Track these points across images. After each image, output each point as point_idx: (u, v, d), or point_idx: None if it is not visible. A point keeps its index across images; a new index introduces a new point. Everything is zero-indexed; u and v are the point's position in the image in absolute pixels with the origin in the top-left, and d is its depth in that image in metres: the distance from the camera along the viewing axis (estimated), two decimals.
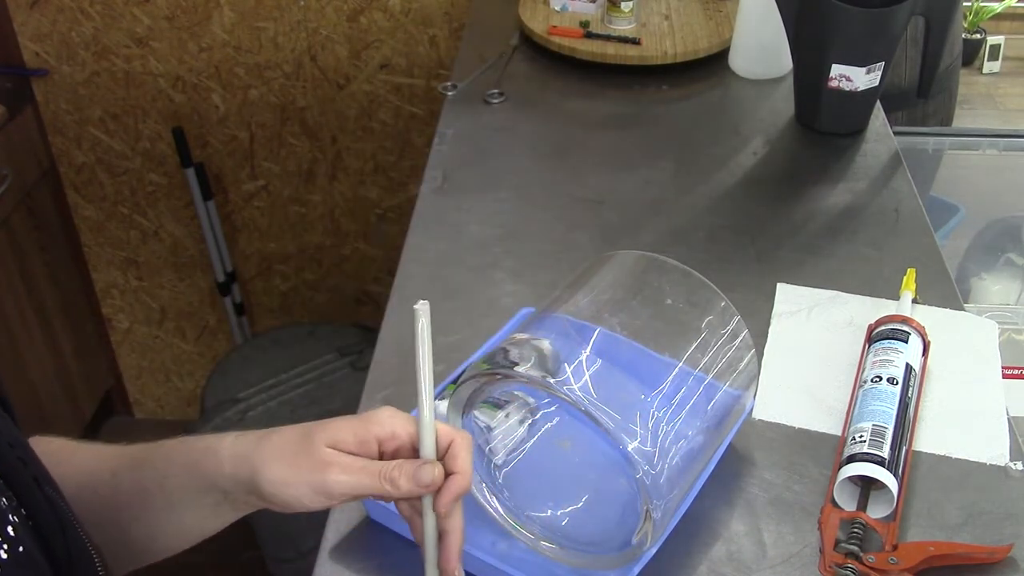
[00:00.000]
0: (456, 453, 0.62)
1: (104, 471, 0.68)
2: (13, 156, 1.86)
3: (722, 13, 1.52)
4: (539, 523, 0.72)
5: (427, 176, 1.21)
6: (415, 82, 1.92)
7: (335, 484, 0.60)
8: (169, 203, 2.09)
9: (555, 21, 1.50)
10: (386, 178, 2.04)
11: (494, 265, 1.06)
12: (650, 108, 1.38)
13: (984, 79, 3.74)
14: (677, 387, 0.68)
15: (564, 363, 0.65)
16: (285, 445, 0.62)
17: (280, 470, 0.61)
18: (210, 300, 2.23)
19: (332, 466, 0.60)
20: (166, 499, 0.67)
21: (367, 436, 0.61)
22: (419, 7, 1.83)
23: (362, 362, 1.82)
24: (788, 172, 1.23)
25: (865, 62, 1.21)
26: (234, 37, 1.87)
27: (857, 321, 0.95)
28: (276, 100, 1.94)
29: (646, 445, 0.63)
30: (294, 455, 0.61)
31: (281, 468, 0.61)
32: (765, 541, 0.75)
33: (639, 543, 0.67)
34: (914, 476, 0.80)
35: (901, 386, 0.81)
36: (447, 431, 0.62)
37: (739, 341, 0.75)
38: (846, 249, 1.08)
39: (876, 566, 0.71)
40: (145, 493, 0.67)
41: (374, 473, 0.60)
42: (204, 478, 0.65)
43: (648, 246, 1.08)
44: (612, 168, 1.24)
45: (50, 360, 2.05)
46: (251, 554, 1.92)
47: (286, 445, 0.62)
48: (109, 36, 1.87)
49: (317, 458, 0.60)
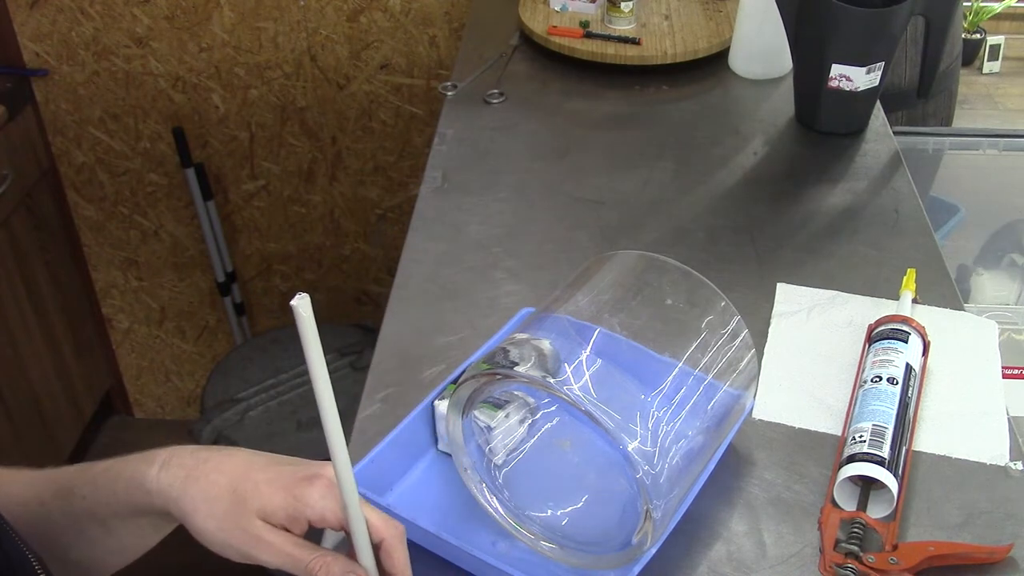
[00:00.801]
0: (390, 552, 0.59)
1: (32, 501, 0.67)
2: (13, 156, 1.86)
3: (722, 13, 1.52)
4: (539, 523, 0.72)
5: (427, 176, 1.21)
6: (415, 82, 1.92)
7: (263, 561, 0.59)
8: (169, 203, 2.09)
9: (555, 21, 1.50)
10: (386, 178, 2.04)
11: (494, 265, 1.06)
12: (650, 108, 1.38)
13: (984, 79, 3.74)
14: (677, 387, 0.68)
15: (564, 363, 0.65)
16: (215, 501, 0.59)
17: (209, 526, 0.59)
18: (210, 300, 2.23)
19: (261, 543, 0.58)
20: (100, 525, 0.65)
21: (298, 516, 0.59)
22: (419, 7, 1.83)
23: (362, 362, 1.82)
24: (788, 172, 1.23)
25: (865, 62, 1.21)
26: (234, 37, 1.87)
27: (857, 321, 0.95)
28: (276, 100, 1.94)
29: (646, 445, 0.63)
30: (224, 516, 0.59)
31: (210, 525, 0.59)
32: (765, 541, 0.75)
33: (639, 543, 0.67)
34: (914, 476, 0.80)
35: (901, 386, 0.81)
36: (379, 526, 0.59)
37: (739, 341, 0.75)
38: (846, 249, 1.08)
39: (876, 566, 0.71)
40: (77, 520, 0.66)
41: (300, 566, 0.58)
42: (134, 507, 0.63)
43: (648, 246, 1.08)
44: (612, 168, 1.24)
45: (50, 360, 2.05)
46: None
47: (216, 502, 0.59)
48: (109, 36, 1.87)
49: (247, 530, 0.58)
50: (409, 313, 0.99)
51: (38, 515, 0.66)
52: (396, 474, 0.79)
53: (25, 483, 0.68)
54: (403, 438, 0.79)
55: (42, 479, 0.68)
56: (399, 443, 0.78)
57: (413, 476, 0.80)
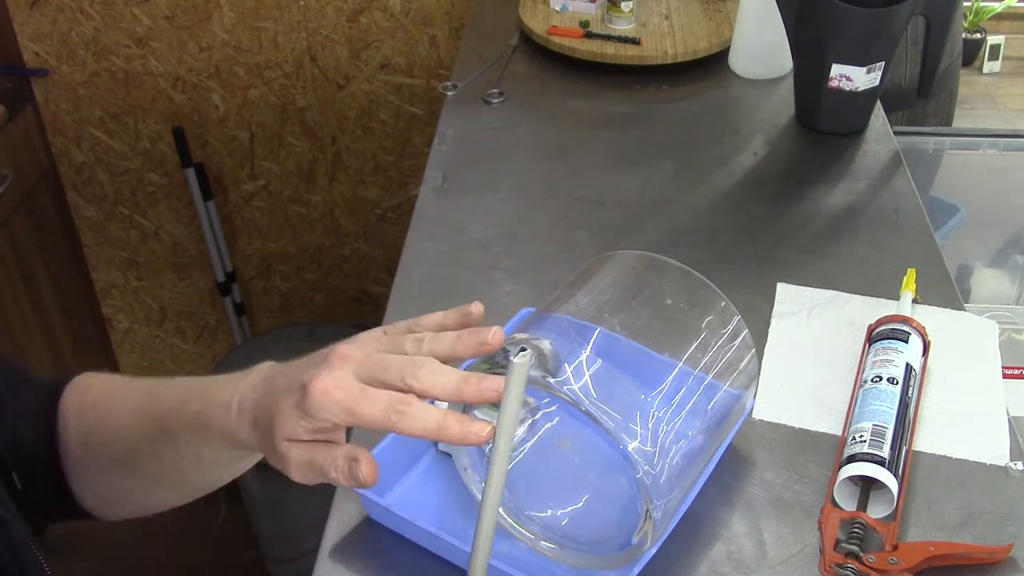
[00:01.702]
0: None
1: (130, 438, 0.70)
2: (13, 156, 1.86)
3: (722, 13, 1.52)
4: (539, 523, 0.72)
5: (427, 176, 1.21)
6: (415, 82, 1.92)
7: (296, 478, 0.60)
8: (169, 203, 2.09)
9: (555, 21, 1.50)
10: (386, 178, 2.04)
11: (494, 265, 1.06)
12: (650, 108, 1.38)
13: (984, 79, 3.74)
14: (677, 387, 0.68)
15: (564, 363, 0.65)
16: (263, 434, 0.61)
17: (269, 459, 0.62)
18: (210, 300, 2.23)
19: (289, 463, 0.59)
20: (192, 463, 0.68)
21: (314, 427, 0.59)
22: (419, 7, 1.83)
23: None
24: (788, 172, 1.23)
25: (865, 62, 1.21)
26: (234, 37, 1.87)
27: (857, 321, 0.95)
28: (276, 100, 1.94)
29: (646, 445, 0.63)
30: (266, 448, 0.61)
31: (269, 458, 0.61)
32: (765, 541, 0.75)
33: (639, 543, 0.67)
34: (914, 476, 0.80)
35: (901, 386, 0.81)
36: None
37: (739, 341, 0.75)
38: (846, 249, 1.08)
39: (876, 566, 0.71)
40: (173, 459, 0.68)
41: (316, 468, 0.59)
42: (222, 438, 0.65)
43: (648, 246, 1.08)
44: (612, 168, 1.24)
45: (50, 360, 2.05)
46: (251, 554, 1.92)
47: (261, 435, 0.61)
48: (109, 36, 1.87)
49: (277, 449, 0.59)
50: (409, 313, 0.98)
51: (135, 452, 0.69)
52: (396, 474, 0.79)
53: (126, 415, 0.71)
54: (403, 438, 0.78)
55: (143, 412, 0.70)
56: (399, 443, 0.78)
57: (413, 476, 0.80)
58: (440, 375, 0.57)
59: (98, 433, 0.72)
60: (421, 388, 0.57)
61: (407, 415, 0.56)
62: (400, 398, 0.56)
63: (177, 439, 0.67)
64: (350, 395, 0.56)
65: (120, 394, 0.73)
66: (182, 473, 0.71)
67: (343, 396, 0.56)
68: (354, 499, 0.77)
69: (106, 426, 0.71)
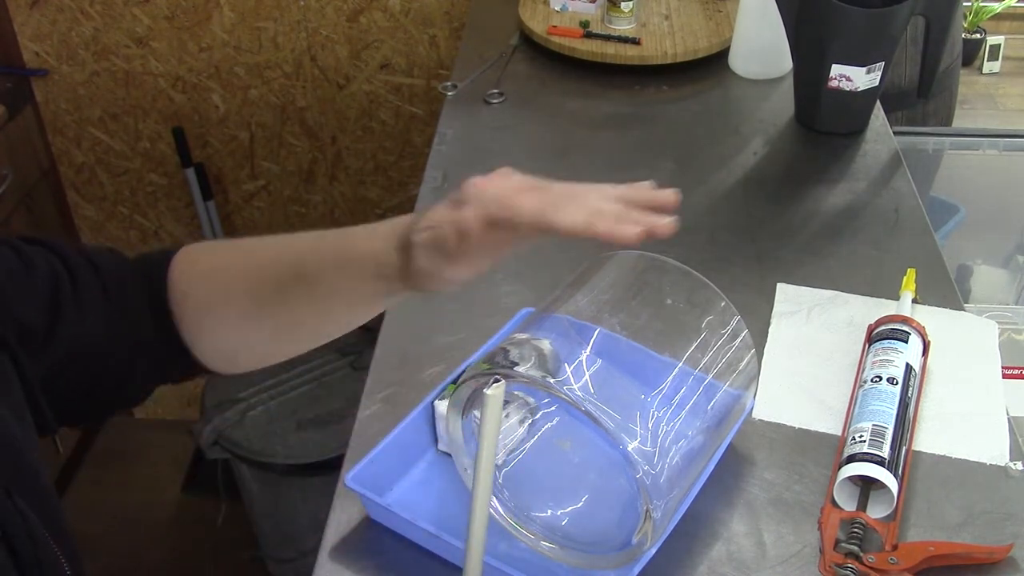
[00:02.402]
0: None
1: (264, 289, 0.70)
2: (13, 156, 1.86)
3: (722, 13, 1.52)
4: (539, 523, 0.72)
5: (427, 176, 1.21)
6: (415, 82, 1.92)
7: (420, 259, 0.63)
8: (169, 203, 2.09)
9: (555, 21, 1.50)
10: (386, 178, 2.04)
11: (494, 265, 1.06)
12: (650, 108, 1.38)
13: (984, 79, 3.73)
14: (677, 387, 0.68)
15: (564, 363, 0.65)
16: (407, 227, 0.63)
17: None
18: None
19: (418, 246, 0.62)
20: (325, 306, 0.69)
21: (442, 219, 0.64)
22: (419, 7, 1.83)
23: (362, 362, 1.82)
24: (788, 172, 1.23)
25: (865, 62, 1.21)
26: (234, 37, 1.87)
27: (857, 321, 0.95)
28: (276, 100, 1.94)
29: (646, 445, 0.63)
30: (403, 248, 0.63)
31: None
32: (765, 541, 0.75)
33: (639, 543, 0.67)
34: (914, 476, 0.80)
35: (901, 386, 0.81)
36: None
37: (739, 341, 0.75)
38: (846, 249, 1.08)
39: (876, 566, 0.71)
40: (309, 303, 0.69)
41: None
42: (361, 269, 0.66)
43: (648, 246, 1.07)
44: (612, 168, 1.23)
45: None
46: (251, 554, 1.92)
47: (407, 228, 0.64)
48: (109, 36, 1.87)
49: (412, 239, 0.62)
50: (409, 313, 0.99)
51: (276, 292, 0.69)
52: (396, 474, 0.79)
53: (262, 258, 0.71)
54: (403, 438, 0.79)
55: (280, 267, 0.70)
56: (399, 443, 0.78)
57: (413, 476, 0.80)
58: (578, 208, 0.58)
59: (223, 291, 0.71)
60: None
61: (561, 208, 0.57)
62: (551, 199, 0.58)
63: (315, 281, 0.67)
64: (504, 188, 0.60)
65: (247, 249, 0.73)
66: (317, 317, 0.71)
67: (497, 187, 0.60)
68: (354, 499, 0.77)
69: (231, 286, 0.71)
